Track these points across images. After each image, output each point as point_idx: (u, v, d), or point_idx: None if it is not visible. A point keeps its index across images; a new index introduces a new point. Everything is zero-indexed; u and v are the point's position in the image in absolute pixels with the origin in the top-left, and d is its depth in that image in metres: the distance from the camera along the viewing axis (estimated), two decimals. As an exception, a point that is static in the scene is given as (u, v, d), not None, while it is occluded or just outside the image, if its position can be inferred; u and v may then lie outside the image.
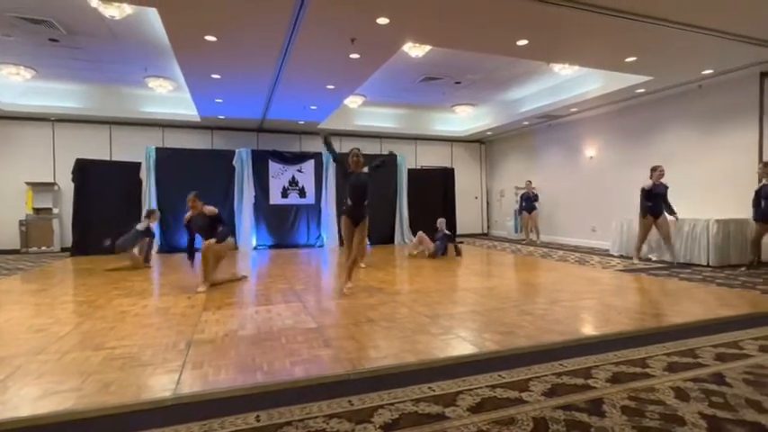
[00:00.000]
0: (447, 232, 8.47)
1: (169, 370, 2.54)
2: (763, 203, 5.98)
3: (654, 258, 7.39)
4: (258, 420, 1.98)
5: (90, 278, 5.92)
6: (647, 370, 2.56)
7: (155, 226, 7.51)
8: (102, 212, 8.72)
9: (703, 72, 6.82)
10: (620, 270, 6.35)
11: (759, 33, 5.38)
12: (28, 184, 9.39)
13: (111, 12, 5.18)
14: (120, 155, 9.83)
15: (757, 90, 6.80)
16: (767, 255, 6.70)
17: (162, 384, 2.35)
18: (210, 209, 5.34)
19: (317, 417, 2.01)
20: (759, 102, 6.79)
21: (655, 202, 6.66)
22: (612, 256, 8.02)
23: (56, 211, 9.56)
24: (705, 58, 6.20)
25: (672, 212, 6.67)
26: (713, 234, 6.65)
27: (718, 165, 6.46)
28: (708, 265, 6.60)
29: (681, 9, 4.72)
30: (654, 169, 6.70)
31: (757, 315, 3.76)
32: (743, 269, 6.19)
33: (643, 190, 6.75)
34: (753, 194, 6.14)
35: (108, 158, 9.81)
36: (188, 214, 5.33)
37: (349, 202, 4.82)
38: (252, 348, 2.93)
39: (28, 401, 2.16)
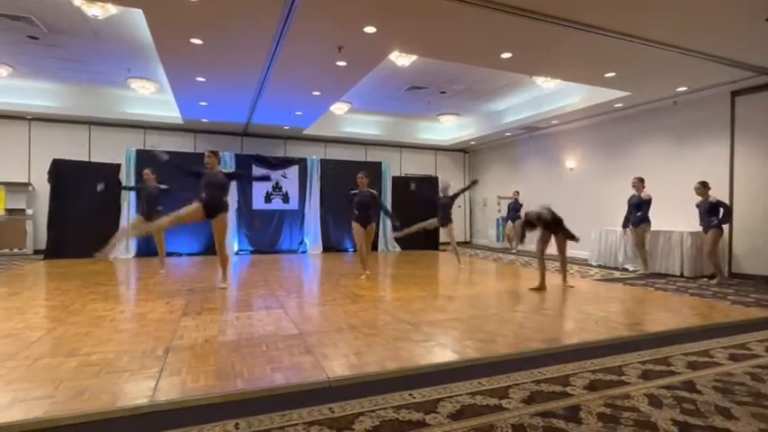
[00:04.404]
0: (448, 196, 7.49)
1: (146, 376, 2.49)
2: (700, 218, 6.47)
3: (631, 269, 7.57)
4: (237, 428, 1.95)
5: (65, 282, 5.75)
6: (623, 377, 2.62)
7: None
8: (79, 214, 8.51)
9: (678, 89, 7.07)
10: (599, 279, 6.49)
11: (731, 54, 5.62)
12: (1, 183, 9.10)
13: (95, 11, 5.10)
14: (100, 156, 9.62)
15: (728, 108, 7.08)
16: (736, 266, 6.95)
17: (138, 391, 2.30)
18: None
19: (296, 424, 1.99)
20: (730, 119, 7.07)
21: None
22: (591, 265, 8.19)
23: (29, 212, 9.27)
24: (680, 75, 6.44)
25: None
26: (687, 246, 6.87)
27: (692, 178, 6.71)
28: (682, 276, 6.80)
29: (658, 28, 4.91)
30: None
31: (727, 324, 3.89)
32: (713, 281, 6.34)
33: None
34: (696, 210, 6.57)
35: (86, 159, 9.58)
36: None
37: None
38: (232, 355, 2.89)
39: (-4, 409, 2.09)
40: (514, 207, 10.94)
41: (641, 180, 7.13)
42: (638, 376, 2.64)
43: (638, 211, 6.99)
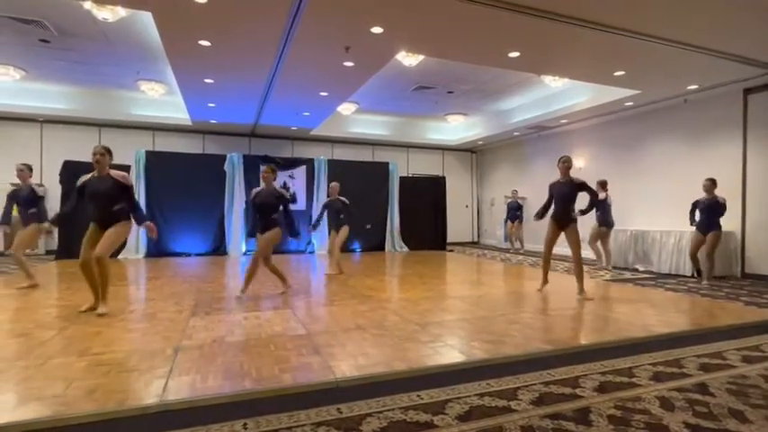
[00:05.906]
0: (342, 199, 6.48)
1: (156, 376, 2.50)
2: (698, 215, 6.38)
3: (641, 269, 7.49)
4: (245, 428, 1.96)
5: (75, 282, 5.81)
6: (634, 379, 2.58)
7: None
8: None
9: (689, 87, 6.98)
10: (608, 280, 6.42)
11: (743, 51, 5.54)
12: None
13: (104, 14, 5.16)
14: (110, 157, 9.72)
15: (741, 105, 6.98)
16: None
17: (148, 391, 2.31)
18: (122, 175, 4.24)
19: (304, 425, 1.99)
20: (743, 117, 6.97)
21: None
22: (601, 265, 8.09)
23: (42, 213, 9.39)
24: (691, 73, 6.35)
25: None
26: (698, 246, 6.76)
27: (703, 178, 6.62)
28: (693, 276, 6.70)
29: (668, 26, 4.85)
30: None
31: (740, 326, 3.83)
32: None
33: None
34: (691, 206, 6.56)
35: (97, 161, 9.69)
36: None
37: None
38: (240, 355, 2.90)
39: (7, 408, 2.11)
40: (514, 206, 10.84)
41: (599, 183, 7.53)
42: (650, 378, 2.60)
43: (598, 210, 7.18)
